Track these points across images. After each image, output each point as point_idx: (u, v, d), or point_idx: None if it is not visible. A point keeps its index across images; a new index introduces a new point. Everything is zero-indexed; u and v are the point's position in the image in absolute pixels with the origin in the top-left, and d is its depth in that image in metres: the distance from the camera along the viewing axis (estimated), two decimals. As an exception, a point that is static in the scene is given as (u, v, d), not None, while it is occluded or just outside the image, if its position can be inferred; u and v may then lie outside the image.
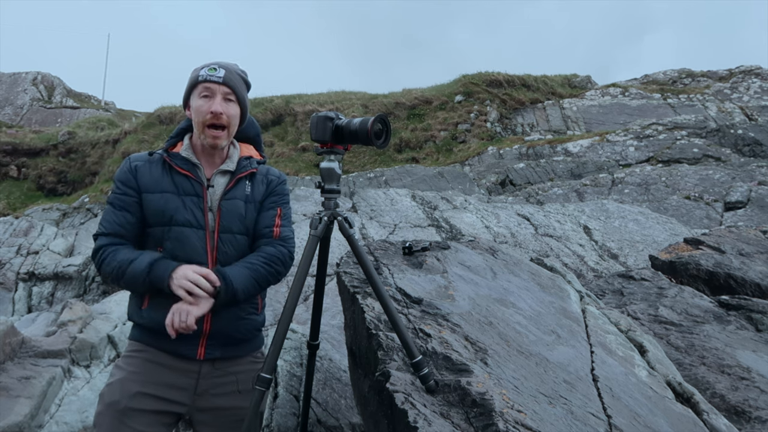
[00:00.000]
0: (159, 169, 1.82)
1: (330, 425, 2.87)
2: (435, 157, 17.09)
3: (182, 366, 1.80)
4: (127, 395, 1.74)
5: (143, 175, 1.81)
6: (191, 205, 1.78)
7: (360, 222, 7.08)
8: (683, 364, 3.15)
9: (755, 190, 9.56)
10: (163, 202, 1.77)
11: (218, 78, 1.78)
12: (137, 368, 1.79)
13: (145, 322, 1.80)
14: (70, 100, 31.29)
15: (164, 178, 1.80)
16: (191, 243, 1.76)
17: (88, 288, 7.52)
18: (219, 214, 1.81)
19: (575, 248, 6.52)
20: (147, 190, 1.79)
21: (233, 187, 1.85)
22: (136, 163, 1.83)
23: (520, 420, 1.67)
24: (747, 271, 4.40)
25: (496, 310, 2.47)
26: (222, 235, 1.80)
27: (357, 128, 1.81)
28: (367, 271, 1.88)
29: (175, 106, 21.71)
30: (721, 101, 16.84)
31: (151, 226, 1.79)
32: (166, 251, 1.77)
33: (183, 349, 1.79)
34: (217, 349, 1.82)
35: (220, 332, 1.81)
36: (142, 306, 1.80)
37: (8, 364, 3.04)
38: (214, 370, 1.83)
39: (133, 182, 1.80)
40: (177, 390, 1.79)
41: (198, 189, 1.80)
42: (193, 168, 1.82)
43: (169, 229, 1.77)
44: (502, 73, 19.99)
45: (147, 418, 1.75)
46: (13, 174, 21.52)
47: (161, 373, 1.79)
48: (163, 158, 1.83)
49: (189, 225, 1.77)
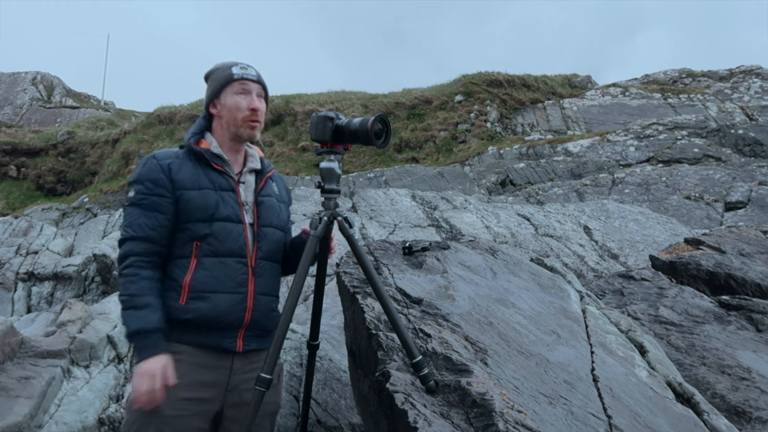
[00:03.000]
0: (191, 165, 1.82)
1: (330, 425, 2.87)
2: (435, 157, 17.08)
3: (216, 363, 1.81)
4: (168, 402, 1.71)
5: (178, 171, 1.79)
6: (229, 200, 1.83)
7: (360, 222, 7.08)
8: (683, 365, 3.15)
9: (756, 190, 9.56)
10: (204, 198, 1.79)
11: (253, 76, 1.87)
12: (178, 372, 1.75)
13: (190, 317, 1.75)
14: (70, 99, 31.27)
15: (200, 174, 1.82)
16: (233, 237, 1.81)
17: (87, 288, 7.52)
18: (257, 209, 1.88)
19: (575, 248, 6.51)
20: (185, 188, 1.78)
21: (265, 185, 1.95)
22: (167, 161, 1.80)
23: (520, 420, 1.67)
24: (747, 272, 4.40)
25: (496, 310, 2.47)
26: (262, 228, 1.88)
27: (357, 128, 1.80)
28: (367, 271, 1.88)
29: (174, 105, 21.69)
30: (721, 101, 16.83)
31: (190, 222, 1.78)
32: (205, 246, 1.78)
33: (225, 343, 1.80)
34: (253, 340, 1.86)
35: (257, 323, 1.85)
36: (179, 300, 1.76)
37: (7, 364, 3.03)
38: (244, 365, 1.85)
39: (165, 181, 1.77)
40: (210, 388, 1.80)
41: (232, 184, 1.86)
42: (224, 164, 1.87)
43: (210, 225, 1.79)
44: (502, 73, 19.97)
45: (186, 423, 1.75)
46: (12, 174, 21.50)
47: (196, 373, 1.78)
48: (191, 153, 1.84)
49: (230, 220, 1.82)
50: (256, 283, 1.84)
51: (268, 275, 1.89)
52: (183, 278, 1.77)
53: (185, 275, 1.77)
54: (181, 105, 21.68)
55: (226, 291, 1.79)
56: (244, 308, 1.81)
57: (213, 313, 1.77)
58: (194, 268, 1.77)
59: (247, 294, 1.82)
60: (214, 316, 1.77)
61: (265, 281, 1.87)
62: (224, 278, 1.79)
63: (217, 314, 1.77)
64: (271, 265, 1.91)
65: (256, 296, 1.84)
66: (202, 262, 1.78)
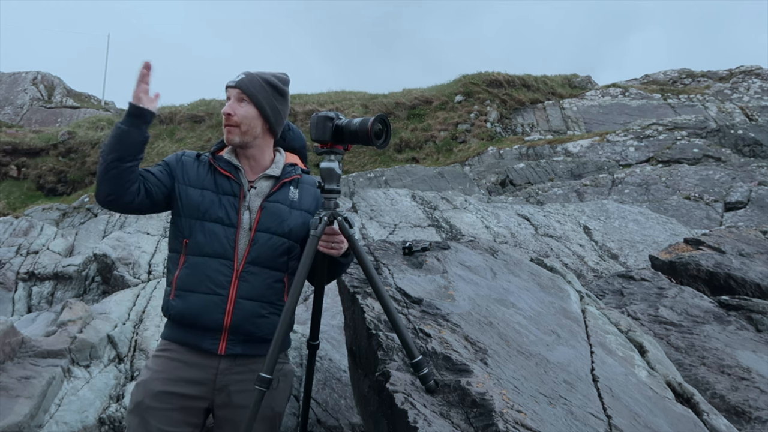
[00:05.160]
0: (204, 168, 1.94)
1: (330, 425, 2.87)
2: (435, 157, 17.09)
3: (202, 362, 1.86)
4: (150, 395, 1.81)
5: (188, 169, 1.93)
6: (226, 204, 1.88)
7: (360, 222, 7.08)
8: (683, 365, 3.15)
9: (755, 191, 9.56)
10: (201, 198, 1.88)
11: (233, 82, 1.90)
12: (160, 367, 1.86)
13: (172, 313, 1.87)
14: (70, 99, 31.24)
15: (207, 177, 1.92)
16: (218, 239, 1.86)
17: (88, 288, 7.52)
18: (259, 214, 1.90)
19: (575, 248, 6.52)
20: (188, 184, 1.91)
21: (278, 191, 1.95)
22: (186, 157, 1.97)
23: (520, 420, 1.67)
24: (747, 272, 4.40)
25: (496, 310, 2.47)
26: (258, 233, 1.89)
27: (357, 128, 1.80)
28: (367, 271, 1.88)
29: (174, 105, 21.71)
30: (721, 101, 16.84)
31: (183, 217, 1.89)
32: (192, 244, 1.87)
33: (205, 344, 1.85)
34: (238, 345, 1.87)
35: (240, 327, 1.86)
36: (170, 296, 1.89)
37: (8, 364, 3.04)
38: (233, 366, 1.87)
39: (175, 166, 1.94)
40: (196, 385, 1.84)
41: (236, 189, 1.90)
42: (234, 170, 1.92)
43: (200, 224, 1.87)
44: (502, 74, 19.99)
45: (170, 416, 1.81)
46: (13, 174, 21.49)
47: (181, 369, 1.85)
48: (208, 160, 1.95)
49: (220, 222, 1.87)
50: (240, 287, 1.85)
51: (258, 280, 1.87)
52: (174, 274, 1.89)
53: (176, 271, 1.88)
54: (182, 105, 21.72)
55: (203, 291, 1.84)
56: (223, 311, 1.83)
57: (188, 312, 1.84)
58: (182, 265, 1.87)
59: (227, 297, 1.84)
60: (189, 315, 1.84)
61: (251, 286, 1.86)
62: (204, 278, 1.84)
63: (192, 313, 1.84)
64: (262, 271, 1.88)
65: (238, 300, 1.85)
66: (188, 260, 1.87)
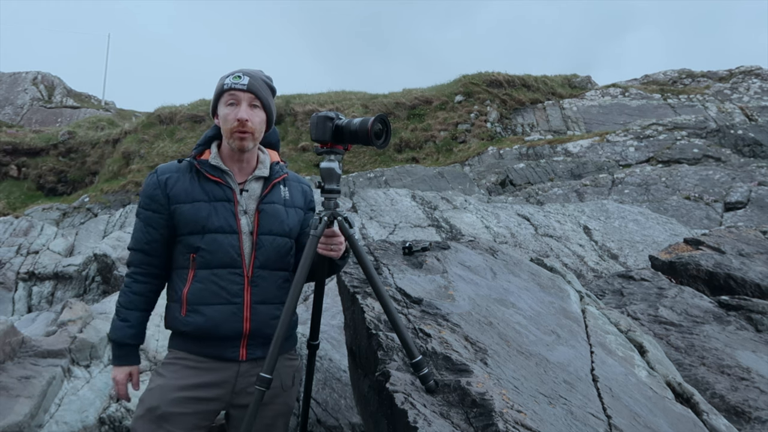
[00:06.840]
0: (188, 177, 1.86)
1: (330, 425, 2.87)
2: (435, 157, 17.09)
3: (221, 366, 1.86)
4: (167, 400, 1.79)
5: (173, 186, 1.85)
6: (223, 211, 1.84)
7: (360, 222, 7.08)
8: (683, 365, 3.15)
9: (755, 191, 9.56)
10: (195, 211, 1.83)
11: (243, 86, 1.82)
12: (177, 374, 1.83)
13: (189, 330, 1.83)
14: (70, 99, 31.25)
15: (194, 187, 1.85)
16: (223, 249, 1.82)
17: (88, 288, 7.52)
18: (258, 217, 1.87)
19: (575, 248, 6.52)
20: (179, 201, 1.84)
21: (270, 192, 1.92)
22: (165, 176, 1.86)
23: (520, 420, 1.67)
24: (747, 272, 4.40)
25: (496, 310, 2.47)
26: (261, 236, 1.87)
27: (357, 128, 1.80)
28: (367, 271, 1.88)
29: (174, 105, 21.70)
30: (721, 101, 16.83)
31: (185, 234, 1.84)
32: (199, 258, 1.83)
33: (227, 353, 1.85)
34: (258, 349, 1.88)
35: (259, 332, 1.86)
36: (181, 312, 1.84)
37: (8, 364, 3.04)
38: (252, 368, 1.87)
39: (160, 197, 1.84)
40: (215, 388, 1.84)
41: (229, 194, 1.86)
42: (222, 174, 1.86)
43: (202, 237, 1.83)
44: (502, 74, 19.98)
45: (185, 420, 1.80)
46: (13, 174, 21.50)
47: (199, 375, 1.84)
48: (192, 166, 1.88)
49: (222, 231, 1.83)
50: (253, 292, 1.85)
51: (268, 283, 1.88)
52: (182, 290, 1.84)
53: (184, 287, 1.84)
54: (182, 105, 21.71)
55: (220, 303, 1.82)
56: (242, 318, 1.83)
57: (209, 325, 1.82)
58: (191, 281, 1.84)
59: (243, 304, 1.84)
60: (211, 328, 1.82)
61: (263, 290, 1.87)
62: (218, 290, 1.82)
63: (213, 326, 1.82)
64: (271, 273, 1.89)
65: (254, 306, 1.85)
66: (197, 275, 1.84)
